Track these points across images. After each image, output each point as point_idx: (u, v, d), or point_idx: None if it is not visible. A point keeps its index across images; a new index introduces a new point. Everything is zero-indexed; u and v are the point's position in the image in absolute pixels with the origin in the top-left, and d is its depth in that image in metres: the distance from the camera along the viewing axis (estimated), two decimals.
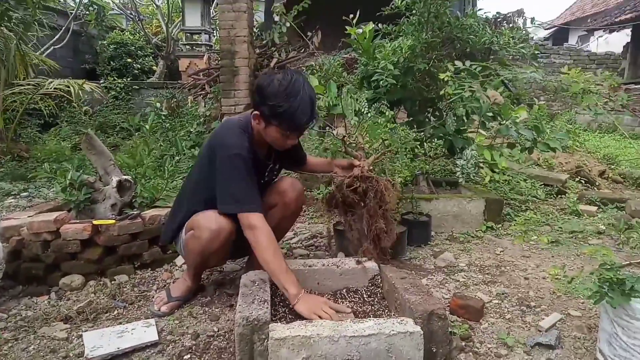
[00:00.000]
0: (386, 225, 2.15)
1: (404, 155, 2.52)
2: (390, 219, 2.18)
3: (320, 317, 1.66)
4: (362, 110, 2.42)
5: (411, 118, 3.46)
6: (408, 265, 2.53)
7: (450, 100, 2.60)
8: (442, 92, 2.62)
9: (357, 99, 2.47)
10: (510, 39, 3.10)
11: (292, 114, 1.80)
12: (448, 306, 2.03)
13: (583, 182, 4.58)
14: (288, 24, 4.52)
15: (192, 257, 2.04)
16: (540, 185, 4.13)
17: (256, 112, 1.89)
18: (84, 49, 9.80)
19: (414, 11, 3.13)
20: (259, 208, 1.86)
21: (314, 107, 1.87)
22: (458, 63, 2.57)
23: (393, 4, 3.17)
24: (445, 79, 2.49)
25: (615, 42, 14.51)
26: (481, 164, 2.52)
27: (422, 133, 3.41)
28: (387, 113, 2.61)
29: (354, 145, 2.36)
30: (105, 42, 9.63)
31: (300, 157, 2.38)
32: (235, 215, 1.89)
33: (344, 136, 2.30)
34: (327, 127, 2.66)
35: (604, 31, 14.65)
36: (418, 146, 2.70)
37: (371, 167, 2.21)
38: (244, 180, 1.86)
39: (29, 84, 5.61)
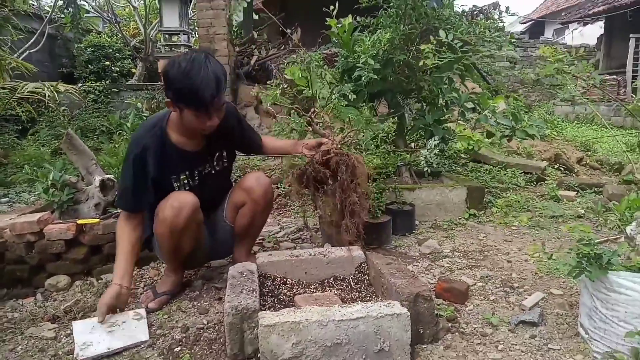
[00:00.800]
0: (359, 199, 2.13)
1: (369, 135, 2.49)
2: (361, 193, 2.16)
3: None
4: (327, 93, 2.42)
5: (392, 110, 3.50)
6: (393, 253, 2.56)
7: (429, 71, 2.63)
8: (421, 63, 2.65)
9: (323, 79, 2.48)
10: (486, 29, 3.16)
11: (196, 92, 1.78)
12: (434, 290, 2.06)
13: (562, 169, 4.68)
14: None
15: (163, 242, 2.03)
16: (520, 173, 4.21)
17: (167, 99, 1.89)
18: (60, 53, 9.66)
19: (391, 3, 3.17)
20: (130, 207, 1.99)
21: (220, 82, 1.83)
22: (442, 33, 2.61)
23: None
24: (426, 51, 2.54)
25: (590, 34, 14.84)
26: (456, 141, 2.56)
27: (403, 123, 3.46)
28: (349, 96, 2.61)
29: (320, 124, 2.32)
30: (82, 45, 9.49)
31: (253, 139, 2.33)
32: (195, 193, 2.00)
33: (310, 114, 2.26)
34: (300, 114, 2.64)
35: (578, 24, 14.95)
36: (382, 131, 2.70)
37: (340, 146, 2.17)
38: (127, 180, 1.97)
39: (3, 88, 5.50)
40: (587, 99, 2.28)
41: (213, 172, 2.15)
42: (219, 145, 2.15)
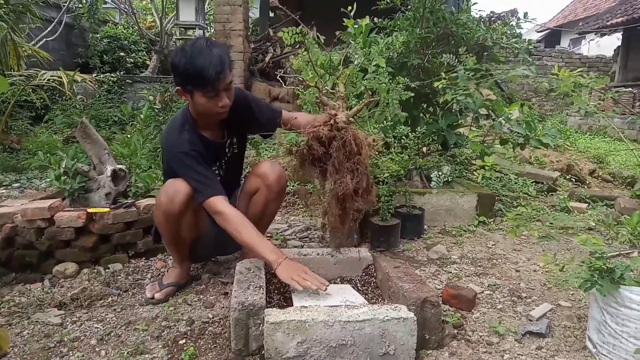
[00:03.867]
0: (354, 181, 1.84)
1: (395, 106, 2.22)
2: (363, 174, 1.87)
3: (298, 282, 1.71)
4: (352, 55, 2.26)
5: (405, 114, 3.49)
6: (401, 257, 2.55)
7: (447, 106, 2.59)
8: (441, 100, 2.62)
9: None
10: (503, 35, 3.14)
11: (200, 70, 1.81)
12: (441, 296, 2.04)
13: (573, 180, 4.64)
14: None
15: (161, 229, 2.06)
16: (532, 182, 4.17)
17: (177, 88, 1.93)
18: (76, 42, 9.72)
19: (409, 6, 3.16)
20: (217, 192, 1.92)
21: (223, 60, 1.85)
22: (446, 56, 2.60)
23: None
24: (441, 87, 2.52)
25: (607, 45, 14.66)
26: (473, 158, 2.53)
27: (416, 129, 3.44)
28: (380, 63, 2.46)
29: (332, 94, 2.09)
30: (98, 35, 9.56)
31: (270, 117, 2.22)
32: (222, 183, 2.00)
33: (317, 82, 2.07)
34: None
35: (595, 34, 14.79)
36: (412, 99, 2.45)
37: (351, 120, 1.96)
38: (195, 172, 1.93)
39: (20, 75, 5.55)
40: (603, 112, 2.25)
41: (226, 158, 2.17)
42: (235, 132, 2.18)
